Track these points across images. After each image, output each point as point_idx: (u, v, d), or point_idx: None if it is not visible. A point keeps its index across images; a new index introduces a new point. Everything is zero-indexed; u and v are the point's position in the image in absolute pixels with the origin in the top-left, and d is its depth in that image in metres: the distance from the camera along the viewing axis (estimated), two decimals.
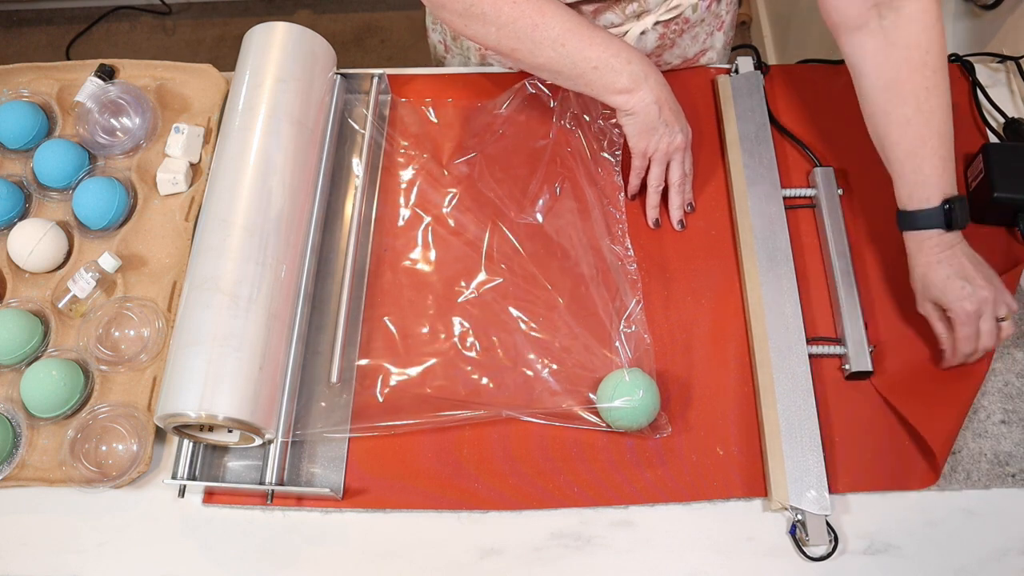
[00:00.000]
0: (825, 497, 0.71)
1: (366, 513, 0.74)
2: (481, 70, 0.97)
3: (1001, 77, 0.97)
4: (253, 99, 0.80)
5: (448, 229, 0.86)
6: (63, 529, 0.74)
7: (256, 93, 0.81)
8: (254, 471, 0.75)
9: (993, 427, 0.76)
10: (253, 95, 0.81)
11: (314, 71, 0.85)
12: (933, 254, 0.73)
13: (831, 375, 0.79)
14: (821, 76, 0.96)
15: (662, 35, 0.88)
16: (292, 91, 0.82)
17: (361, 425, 0.76)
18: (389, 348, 0.80)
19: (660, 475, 0.74)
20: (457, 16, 0.76)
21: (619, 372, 0.75)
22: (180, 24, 2.23)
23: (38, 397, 0.75)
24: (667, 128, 0.79)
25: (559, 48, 0.75)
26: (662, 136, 0.79)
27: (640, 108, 0.77)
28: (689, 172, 0.85)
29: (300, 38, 0.85)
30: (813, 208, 0.87)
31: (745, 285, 0.82)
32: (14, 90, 0.92)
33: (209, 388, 0.68)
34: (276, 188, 0.77)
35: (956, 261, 0.73)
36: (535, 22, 0.74)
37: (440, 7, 0.76)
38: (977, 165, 0.86)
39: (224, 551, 0.73)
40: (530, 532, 0.73)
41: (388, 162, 0.90)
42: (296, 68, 0.83)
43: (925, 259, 0.74)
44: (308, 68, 0.84)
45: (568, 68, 0.76)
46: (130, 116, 0.89)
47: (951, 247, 0.73)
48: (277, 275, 0.75)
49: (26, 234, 0.82)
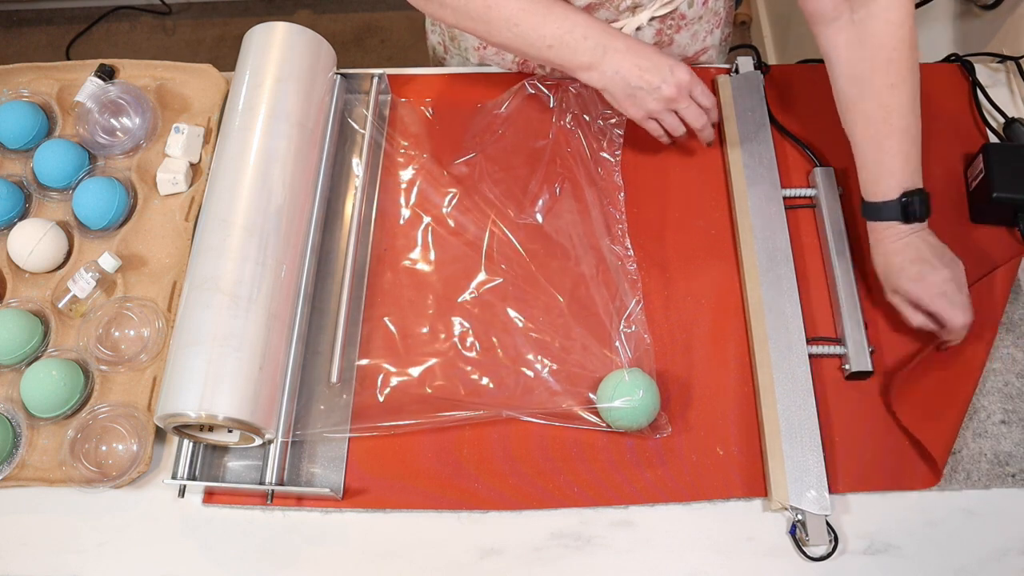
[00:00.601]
0: (825, 497, 0.71)
1: (366, 513, 0.74)
2: (481, 70, 0.97)
3: (1001, 77, 0.97)
4: (253, 99, 0.80)
5: (448, 229, 0.86)
6: (63, 529, 0.74)
7: (256, 93, 0.81)
8: (254, 471, 0.75)
9: (993, 427, 0.76)
10: (253, 95, 0.81)
11: (314, 71, 0.85)
12: (891, 242, 0.75)
13: (831, 375, 0.79)
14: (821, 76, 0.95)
15: (659, 31, 0.88)
16: (292, 91, 0.82)
17: (361, 425, 0.76)
18: (389, 348, 0.80)
19: (660, 475, 0.74)
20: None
21: (619, 372, 0.75)
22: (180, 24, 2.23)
23: (38, 397, 0.75)
24: (648, 88, 0.76)
25: (513, 28, 0.74)
26: (646, 98, 0.77)
27: (607, 82, 0.76)
28: (709, 105, 0.81)
29: (300, 38, 0.85)
30: (813, 208, 0.87)
31: (745, 285, 0.82)
32: (14, 90, 0.92)
33: (209, 388, 0.68)
34: (276, 188, 0.77)
35: (914, 248, 0.74)
36: (487, 2, 0.73)
37: None
38: (977, 165, 0.86)
39: (224, 551, 0.73)
40: (530, 532, 0.73)
41: (388, 162, 0.90)
42: (296, 68, 0.83)
43: (884, 248, 0.76)
44: (308, 68, 0.84)
45: (526, 48, 0.75)
46: (130, 116, 0.89)
47: (908, 235, 0.74)
48: (277, 275, 0.75)
49: (26, 234, 0.82)
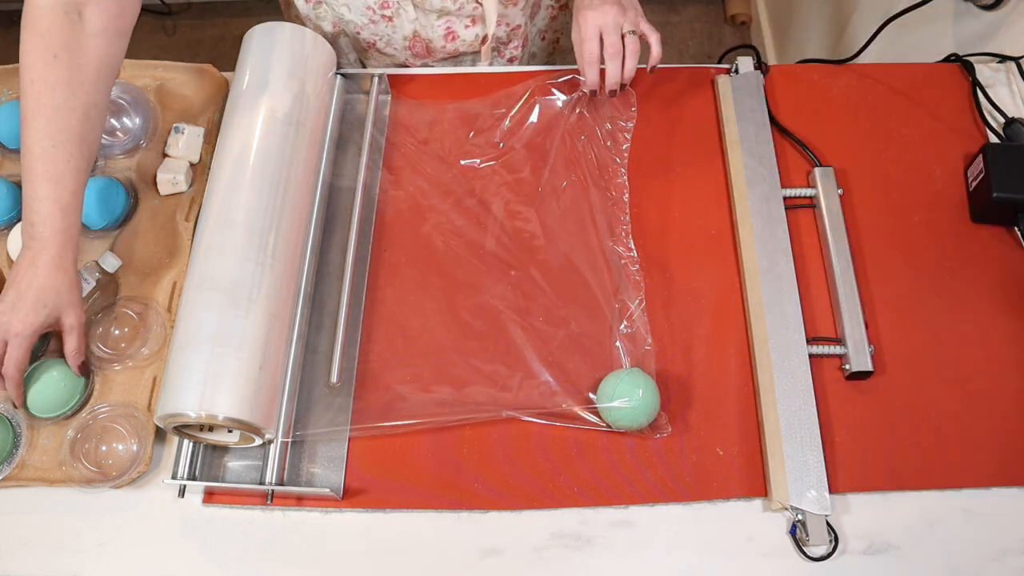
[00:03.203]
0: (825, 497, 0.71)
1: (366, 513, 0.74)
2: (481, 70, 0.98)
3: (1001, 77, 0.97)
4: (253, 99, 0.80)
5: (449, 229, 0.86)
6: (63, 529, 0.74)
7: (256, 93, 0.81)
8: (254, 471, 0.75)
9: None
10: (253, 95, 0.81)
11: (314, 71, 0.85)
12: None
13: (831, 375, 0.79)
14: (821, 76, 0.96)
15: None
16: (292, 91, 0.82)
17: (361, 425, 0.76)
18: (389, 348, 0.80)
19: (660, 475, 0.74)
20: None
21: (619, 372, 0.75)
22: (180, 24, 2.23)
23: (39, 398, 0.75)
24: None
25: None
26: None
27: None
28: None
29: (300, 38, 0.85)
30: (813, 208, 0.87)
31: (745, 285, 0.82)
32: (14, 90, 0.92)
33: (209, 388, 0.68)
34: (276, 188, 0.77)
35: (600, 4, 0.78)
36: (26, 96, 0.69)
37: None
38: (977, 165, 0.86)
39: (224, 551, 0.73)
40: (530, 532, 0.73)
41: (388, 162, 0.90)
42: (296, 68, 0.83)
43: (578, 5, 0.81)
44: (308, 68, 0.84)
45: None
46: (130, 116, 0.89)
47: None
48: (277, 275, 0.75)
49: None
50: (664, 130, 0.92)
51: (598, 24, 0.79)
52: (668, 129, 0.92)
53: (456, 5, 0.90)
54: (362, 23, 0.94)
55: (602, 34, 0.79)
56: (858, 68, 0.96)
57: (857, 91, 0.94)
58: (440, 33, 0.94)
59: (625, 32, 0.79)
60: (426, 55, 0.98)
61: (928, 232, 0.86)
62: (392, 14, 0.92)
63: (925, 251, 0.85)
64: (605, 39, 0.79)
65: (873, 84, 0.95)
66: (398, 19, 0.93)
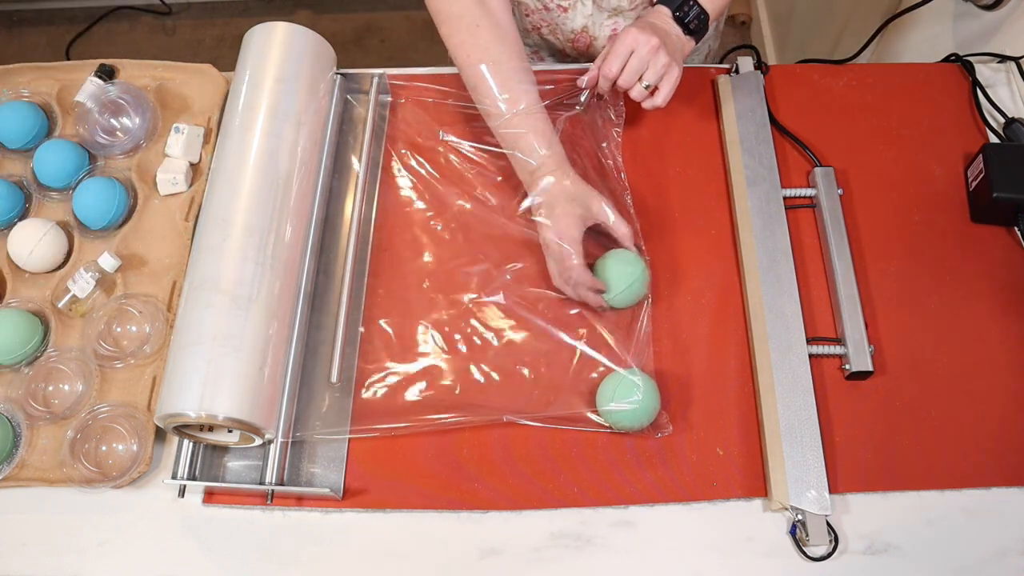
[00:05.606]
0: (825, 497, 0.71)
1: (366, 513, 0.74)
2: None
3: (1001, 77, 0.97)
4: (253, 99, 0.80)
5: (449, 229, 0.86)
6: (63, 529, 0.74)
7: (256, 93, 0.81)
8: (254, 471, 0.75)
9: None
10: (253, 95, 0.81)
11: (314, 71, 0.85)
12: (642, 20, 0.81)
13: (831, 375, 0.79)
14: (821, 76, 0.96)
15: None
16: (292, 91, 0.82)
17: (361, 426, 0.76)
18: (389, 349, 0.80)
19: (660, 475, 0.74)
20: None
21: (619, 372, 0.75)
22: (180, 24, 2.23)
23: None
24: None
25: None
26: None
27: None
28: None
29: (300, 38, 0.85)
30: (813, 208, 0.87)
31: (745, 285, 0.82)
32: (14, 90, 0.92)
33: (209, 388, 0.68)
34: (276, 188, 0.77)
35: (647, 24, 0.79)
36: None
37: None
38: (977, 165, 0.86)
39: (224, 551, 0.73)
40: (530, 532, 0.73)
41: (388, 162, 0.90)
42: (296, 68, 0.83)
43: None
44: (308, 68, 0.84)
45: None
46: (130, 116, 0.89)
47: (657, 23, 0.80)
48: (277, 275, 0.75)
49: (26, 234, 0.82)
50: (664, 130, 0.92)
51: (632, 49, 0.77)
52: (668, 129, 0.92)
53: (631, 5, 0.91)
54: (535, 7, 0.95)
55: (630, 58, 0.78)
56: (858, 68, 0.96)
57: (857, 91, 0.94)
58: (606, 32, 0.95)
59: (643, 75, 0.78)
60: (586, 51, 0.99)
61: (928, 232, 0.86)
62: (568, 5, 0.93)
63: (925, 251, 0.85)
64: (628, 65, 0.78)
65: (873, 84, 0.95)
66: (573, 11, 0.93)
